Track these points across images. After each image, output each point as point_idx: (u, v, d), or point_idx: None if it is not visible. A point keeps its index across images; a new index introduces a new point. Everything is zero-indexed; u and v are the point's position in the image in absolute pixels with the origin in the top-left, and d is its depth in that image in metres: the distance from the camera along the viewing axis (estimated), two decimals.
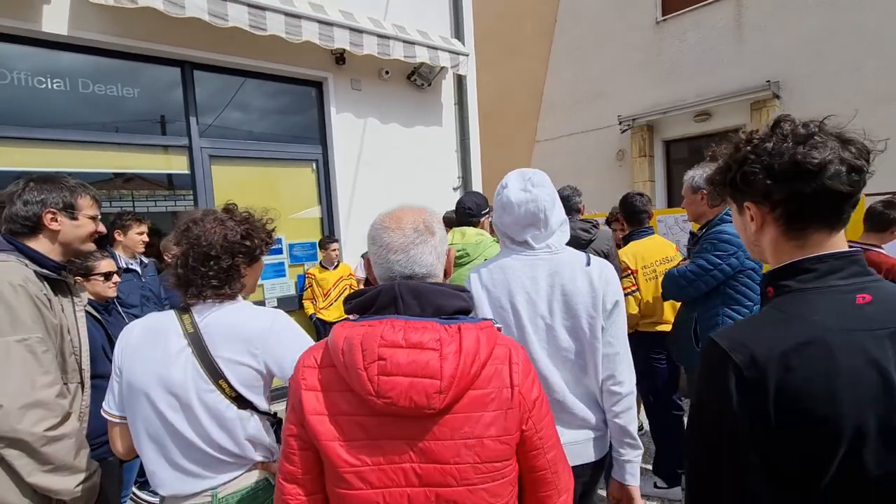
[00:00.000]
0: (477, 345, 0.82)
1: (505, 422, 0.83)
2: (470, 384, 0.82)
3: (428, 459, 0.81)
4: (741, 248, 1.95)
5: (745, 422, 0.72)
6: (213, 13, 3.49)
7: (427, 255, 0.91)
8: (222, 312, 1.20)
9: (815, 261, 0.78)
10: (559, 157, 9.45)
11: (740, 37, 7.09)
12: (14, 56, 3.28)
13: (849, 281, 0.76)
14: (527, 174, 1.39)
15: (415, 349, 0.80)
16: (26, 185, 1.44)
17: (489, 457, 0.82)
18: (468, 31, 5.56)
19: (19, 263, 1.35)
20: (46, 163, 3.40)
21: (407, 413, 0.79)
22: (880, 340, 0.71)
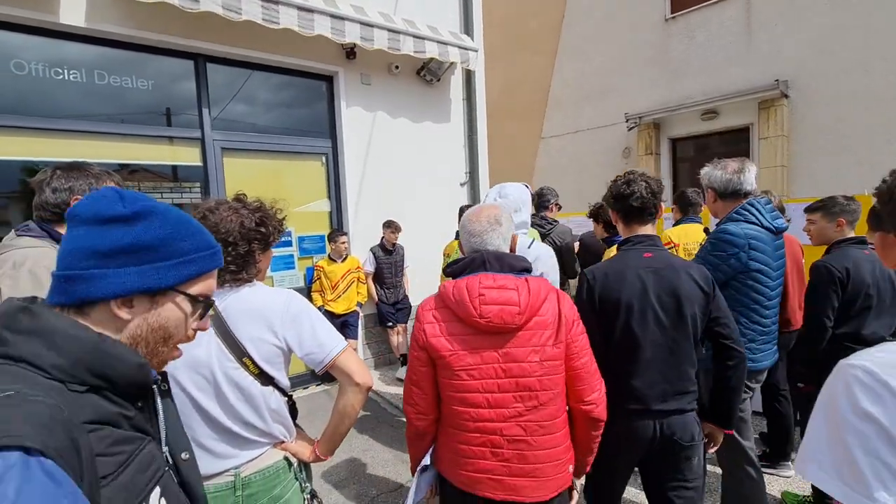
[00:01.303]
0: (539, 287, 1.31)
1: (556, 335, 1.30)
2: (536, 311, 1.29)
3: (509, 360, 1.28)
4: (743, 249, 1.89)
5: (589, 302, 1.63)
6: (227, 7, 3.53)
7: (495, 239, 1.38)
8: (240, 294, 1.25)
9: (633, 238, 1.70)
10: (565, 154, 9.47)
11: (749, 35, 7.07)
12: (32, 47, 3.33)
13: (643, 246, 1.66)
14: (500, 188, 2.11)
15: (501, 289, 1.28)
16: (54, 173, 1.47)
17: (548, 357, 1.28)
18: (477, 26, 5.58)
19: (52, 249, 1.39)
20: (62, 153, 3.45)
21: (497, 329, 1.26)
22: (647, 271, 1.60)
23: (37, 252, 1.34)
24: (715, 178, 2.02)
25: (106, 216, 0.68)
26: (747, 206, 1.97)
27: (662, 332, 1.56)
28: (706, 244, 2.02)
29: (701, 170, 2.11)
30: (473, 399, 1.29)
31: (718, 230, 1.98)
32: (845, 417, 0.69)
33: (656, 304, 1.55)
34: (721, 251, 1.93)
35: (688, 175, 8.20)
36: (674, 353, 1.57)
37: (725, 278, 1.95)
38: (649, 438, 1.57)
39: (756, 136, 7.08)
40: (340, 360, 1.25)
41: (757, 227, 1.92)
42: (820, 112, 6.50)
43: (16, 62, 3.28)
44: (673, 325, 1.56)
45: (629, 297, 1.56)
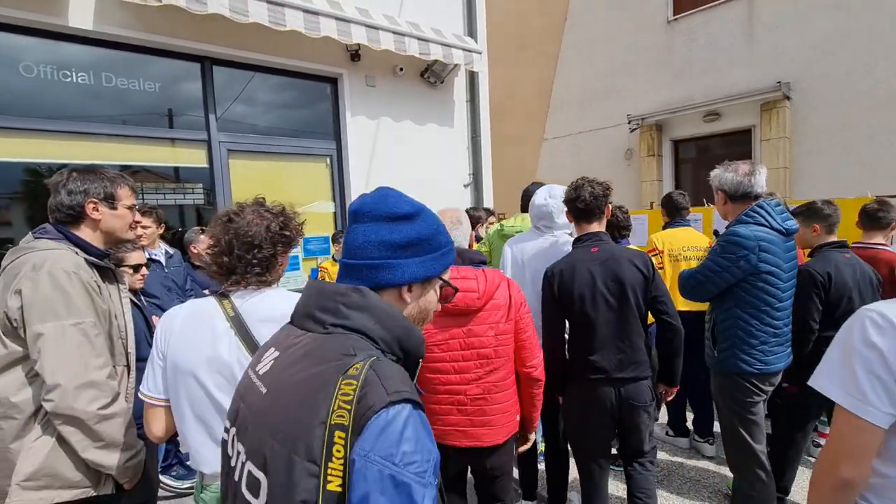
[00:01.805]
0: (493, 277, 1.66)
1: (507, 314, 1.66)
2: (492, 296, 1.65)
3: (471, 335, 1.63)
4: (753, 251, 1.90)
5: (551, 295, 1.96)
6: (234, 9, 3.55)
7: (458, 237, 1.72)
8: (260, 297, 1.27)
9: (583, 236, 2.02)
10: (567, 156, 9.49)
11: (751, 37, 7.09)
12: (41, 50, 3.36)
13: (590, 242, 1.98)
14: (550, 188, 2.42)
15: (464, 279, 1.61)
16: (69, 176, 1.49)
17: (501, 331, 1.66)
18: (481, 28, 5.60)
19: (70, 251, 1.41)
20: (70, 155, 3.48)
21: (461, 311, 1.61)
22: (594, 263, 1.90)
23: (55, 254, 1.37)
24: (725, 180, 2.03)
25: (396, 214, 0.84)
26: (757, 208, 1.97)
27: (612, 313, 1.89)
28: (716, 246, 2.03)
29: (711, 172, 2.12)
30: (442, 367, 1.65)
31: (728, 232, 1.99)
32: (855, 346, 0.89)
33: (604, 290, 1.88)
34: (731, 253, 1.94)
35: (690, 176, 8.22)
36: (624, 330, 1.89)
37: (735, 280, 1.95)
38: (611, 402, 1.90)
39: (758, 138, 7.10)
40: None
41: (767, 230, 1.93)
42: (822, 114, 6.52)
43: (25, 65, 3.31)
44: (620, 306, 1.88)
45: (581, 287, 1.90)
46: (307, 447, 0.64)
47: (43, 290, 1.29)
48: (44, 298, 1.29)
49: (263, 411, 0.74)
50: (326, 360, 0.71)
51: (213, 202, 4.16)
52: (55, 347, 1.27)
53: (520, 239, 2.50)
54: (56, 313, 1.29)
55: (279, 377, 0.76)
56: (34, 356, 1.29)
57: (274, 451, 0.67)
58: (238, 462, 0.76)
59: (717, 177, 2.07)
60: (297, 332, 0.83)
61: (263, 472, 0.69)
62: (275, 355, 0.82)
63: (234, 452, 0.78)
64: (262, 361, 0.83)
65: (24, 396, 1.32)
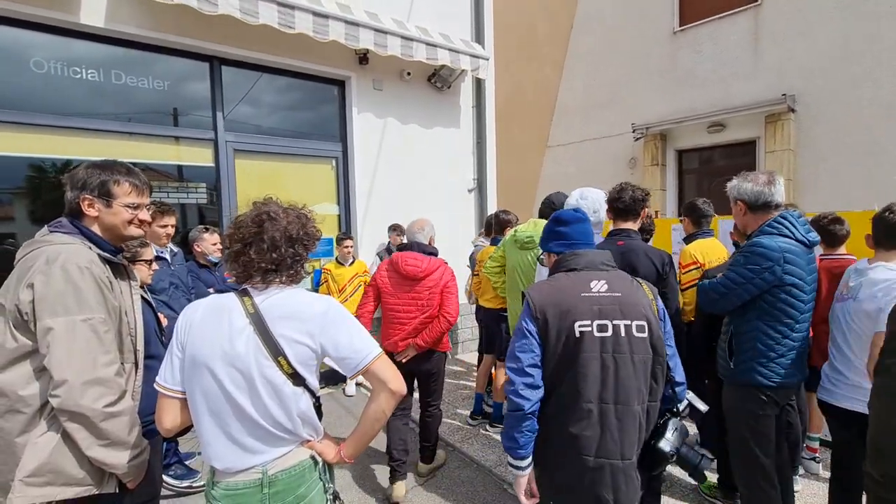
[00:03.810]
0: (432, 262, 2.82)
1: (439, 286, 2.82)
2: (430, 273, 2.80)
3: (415, 292, 2.81)
4: (778, 263, 1.85)
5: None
6: (245, 10, 3.57)
7: (420, 236, 2.90)
8: (281, 296, 1.27)
9: (615, 230, 2.38)
10: (571, 163, 9.51)
11: (756, 49, 7.12)
12: (52, 47, 3.37)
13: (619, 237, 2.32)
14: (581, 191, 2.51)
15: (415, 259, 2.80)
16: (76, 170, 1.48)
17: (432, 292, 2.81)
18: (488, 35, 5.63)
19: (84, 246, 1.40)
20: (78, 151, 3.49)
21: (411, 277, 2.79)
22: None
23: (69, 249, 1.35)
24: (745, 190, 2.00)
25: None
26: (780, 219, 1.94)
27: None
28: (738, 257, 1.99)
29: (727, 183, 2.09)
30: (396, 310, 2.85)
31: (752, 243, 1.95)
32: None
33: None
34: (755, 265, 1.90)
35: (693, 186, 8.23)
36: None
37: (759, 291, 1.91)
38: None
39: (762, 150, 7.11)
40: (375, 367, 1.27)
41: (791, 241, 1.90)
42: (827, 126, 6.53)
43: (35, 60, 3.33)
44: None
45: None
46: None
47: (55, 285, 1.28)
48: (55, 292, 1.28)
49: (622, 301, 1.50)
50: (623, 279, 1.56)
51: (216, 201, 4.16)
52: (64, 343, 1.27)
53: None
54: (67, 308, 1.28)
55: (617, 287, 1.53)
56: (43, 350, 1.28)
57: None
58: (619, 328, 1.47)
59: (736, 187, 2.03)
60: (596, 273, 1.56)
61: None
62: (603, 286, 1.52)
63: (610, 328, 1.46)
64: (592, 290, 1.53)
65: (32, 391, 1.30)
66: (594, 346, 1.44)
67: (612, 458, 1.42)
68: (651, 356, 1.47)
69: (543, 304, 1.48)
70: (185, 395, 1.25)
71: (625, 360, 1.44)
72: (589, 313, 1.45)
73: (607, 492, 1.41)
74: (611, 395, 1.43)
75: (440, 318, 2.80)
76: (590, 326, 1.44)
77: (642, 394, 1.46)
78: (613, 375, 1.43)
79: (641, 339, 1.45)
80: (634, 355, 1.45)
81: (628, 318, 1.46)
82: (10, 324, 1.31)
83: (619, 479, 1.42)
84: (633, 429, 1.44)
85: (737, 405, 2.05)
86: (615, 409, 1.43)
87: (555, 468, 1.49)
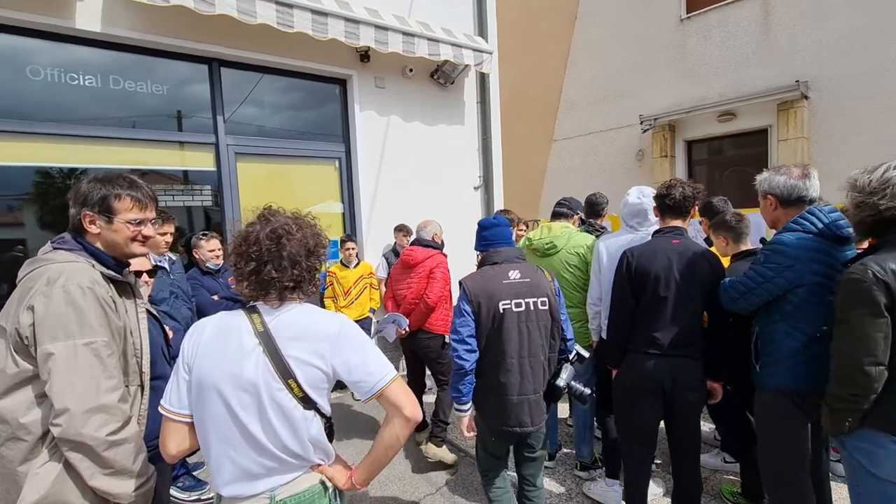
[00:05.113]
0: (426, 253, 3.35)
1: (426, 272, 3.32)
2: (420, 262, 3.34)
3: (411, 278, 3.36)
4: (801, 261, 1.76)
5: (627, 273, 2.19)
6: (242, 10, 3.49)
7: (424, 234, 3.43)
8: (291, 314, 1.20)
9: (665, 228, 2.24)
10: (577, 157, 9.36)
11: (768, 35, 6.92)
12: (48, 53, 3.32)
13: (672, 235, 2.19)
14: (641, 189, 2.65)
15: (413, 251, 3.39)
16: (78, 184, 1.42)
17: (421, 279, 3.33)
18: (492, 28, 5.51)
19: (87, 264, 1.34)
20: (76, 159, 3.45)
21: (408, 265, 3.40)
22: (673, 252, 2.12)
23: (71, 268, 1.29)
24: (777, 183, 1.88)
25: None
26: (806, 214, 1.82)
27: (681, 297, 2.08)
28: (759, 255, 1.91)
29: (757, 175, 1.98)
30: (400, 291, 3.41)
31: (773, 240, 1.86)
32: None
33: (678, 276, 2.08)
34: (775, 263, 1.81)
35: (704, 177, 8.06)
36: (686, 314, 2.09)
37: (781, 291, 1.82)
38: (662, 376, 2.09)
39: (775, 138, 6.93)
40: (390, 391, 1.20)
41: (816, 238, 1.78)
42: (842, 113, 6.34)
43: (32, 68, 3.27)
44: (689, 293, 2.09)
45: (658, 269, 2.10)
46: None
47: (56, 307, 1.22)
48: (56, 315, 1.22)
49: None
50: (530, 268, 2.09)
51: (219, 206, 4.10)
52: (65, 369, 1.21)
53: (612, 236, 2.72)
54: (68, 332, 1.22)
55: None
56: (44, 377, 1.22)
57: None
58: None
59: (767, 180, 1.91)
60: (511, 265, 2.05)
61: None
62: (517, 274, 2.02)
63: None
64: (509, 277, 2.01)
65: (33, 417, 1.25)
66: (513, 319, 1.98)
67: (528, 394, 2.00)
68: (550, 322, 2.04)
69: (476, 291, 2.00)
70: (192, 418, 1.19)
71: (534, 326, 2.00)
72: (508, 295, 1.99)
73: (526, 416, 2.00)
74: (526, 352, 2.00)
75: (422, 301, 3.25)
76: (510, 304, 1.98)
77: (545, 348, 2.04)
78: (527, 338, 1.99)
79: (544, 310, 2.02)
80: (540, 322, 2.01)
81: (535, 296, 2.01)
82: (11, 348, 1.25)
83: (533, 407, 2.02)
84: (540, 373, 2.03)
85: (765, 411, 1.95)
86: (529, 362, 2.00)
87: (490, 406, 2.05)
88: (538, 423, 2.03)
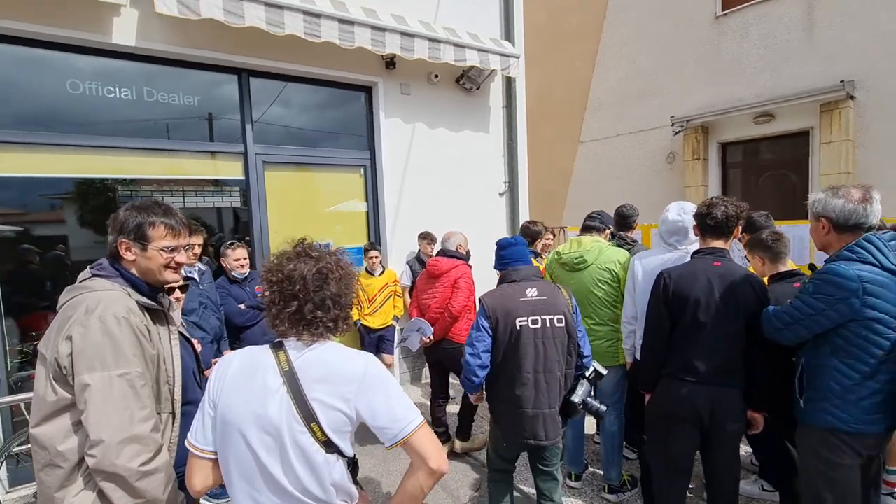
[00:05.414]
0: (451, 264, 3.43)
1: (452, 283, 3.38)
2: (445, 272, 3.42)
3: (437, 288, 3.44)
4: (856, 295, 1.62)
5: (664, 295, 2.10)
6: (271, 22, 3.52)
7: (448, 245, 3.51)
8: (317, 352, 1.18)
9: (706, 249, 2.13)
10: (604, 159, 9.14)
11: (811, 32, 6.58)
12: (86, 67, 3.42)
13: (713, 257, 2.08)
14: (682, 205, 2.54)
15: (437, 261, 3.49)
16: (118, 211, 1.46)
17: (446, 289, 3.39)
18: (518, 31, 5.41)
19: (123, 293, 1.37)
20: (112, 169, 3.55)
21: (433, 275, 3.48)
22: (714, 275, 2.02)
23: (108, 297, 1.32)
24: (834, 207, 1.73)
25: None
26: (864, 242, 1.67)
27: (721, 323, 1.98)
28: (808, 284, 1.76)
29: (810, 196, 1.83)
30: (425, 300, 3.49)
31: (826, 269, 1.71)
32: None
33: (719, 301, 1.99)
34: (826, 294, 1.67)
35: (739, 181, 7.76)
36: (727, 341, 2.00)
37: (832, 325, 1.69)
38: (700, 404, 2.00)
39: (817, 141, 6.59)
40: (415, 439, 1.15)
41: (875, 269, 1.64)
42: (891, 114, 5.98)
43: (72, 82, 3.38)
44: (731, 319, 1.98)
45: (698, 292, 2.02)
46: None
47: (93, 337, 1.26)
48: (93, 345, 1.25)
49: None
50: (548, 286, 2.25)
51: (248, 213, 4.16)
52: (101, 400, 1.23)
53: (648, 254, 2.63)
54: (104, 363, 1.25)
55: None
56: (81, 406, 1.25)
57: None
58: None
59: (822, 202, 1.76)
60: (529, 283, 2.18)
61: None
62: (534, 292, 2.13)
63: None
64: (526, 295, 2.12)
65: (70, 445, 1.29)
66: (529, 335, 2.08)
67: (543, 408, 2.08)
68: (566, 338, 2.11)
69: (494, 307, 2.11)
70: (217, 455, 1.19)
71: (550, 343, 2.08)
72: (525, 312, 2.09)
73: (540, 430, 2.09)
74: (541, 367, 2.08)
75: (447, 310, 3.32)
76: (526, 321, 2.08)
77: (561, 364, 2.11)
78: (543, 354, 2.08)
79: (560, 327, 2.10)
80: (556, 339, 2.09)
81: (551, 313, 2.09)
82: (51, 376, 1.29)
83: (548, 421, 2.10)
84: (556, 388, 2.10)
85: (809, 449, 1.83)
86: (545, 377, 2.08)
87: (506, 419, 2.16)
88: (553, 438, 2.11)
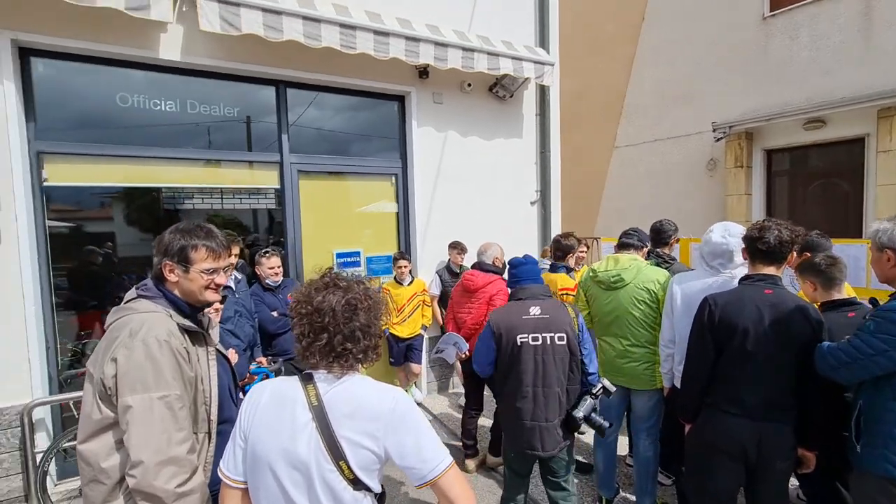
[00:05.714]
0: (486, 279, 3.41)
1: (487, 298, 3.36)
2: (481, 287, 3.40)
3: (472, 303, 3.43)
4: None
5: (709, 322, 1.99)
6: (309, 35, 3.59)
7: (484, 258, 3.50)
8: (347, 385, 1.18)
9: (755, 275, 2.01)
10: (641, 165, 8.88)
11: (869, 33, 6.18)
12: (134, 81, 3.58)
13: (763, 284, 1.97)
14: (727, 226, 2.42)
15: (473, 275, 3.47)
16: (163, 234, 1.51)
17: (481, 304, 3.38)
18: (553, 38, 5.32)
19: (165, 314, 1.42)
20: (156, 178, 3.70)
21: (469, 290, 3.45)
22: (765, 304, 1.90)
23: (151, 320, 1.37)
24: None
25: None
26: None
27: (771, 355, 1.88)
28: (869, 322, 1.64)
29: (874, 224, 1.72)
30: (461, 315, 3.47)
31: (889, 307, 1.60)
32: None
33: (769, 331, 1.87)
34: (889, 335, 1.55)
35: (785, 190, 7.37)
36: (778, 373, 1.89)
37: (895, 367, 1.56)
38: (745, 439, 1.90)
39: (874, 149, 6.19)
40: (443, 481, 1.14)
41: None
42: None
43: (121, 96, 3.54)
44: (781, 350, 1.87)
45: (746, 321, 1.91)
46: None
47: (136, 360, 1.30)
48: (136, 367, 1.30)
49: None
50: (553, 304, 2.37)
51: (283, 219, 4.25)
52: (142, 422, 1.28)
53: (689, 277, 2.51)
54: (146, 385, 1.30)
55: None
56: (123, 427, 1.30)
57: None
58: None
59: (888, 232, 1.65)
60: (534, 301, 2.29)
61: None
62: (537, 310, 2.26)
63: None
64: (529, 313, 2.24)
65: (113, 462, 1.34)
66: (529, 351, 2.21)
67: (540, 420, 2.19)
68: (568, 356, 2.22)
69: (499, 323, 2.28)
70: (248, 485, 1.20)
71: (549, 359, 2.20)
72: (527, 329, 2.22)
73: (537, 441, 2.20)
74: (540, 382, 2.20)
75: (482, 326, 3.15)
76: (527, 338, 2.21)
77: (561, 380, 2.21)
78: (542, 369, 2.20)
79: (561, 345, 2.21)
80: (556, 356, 2.20)
81: (552, 331, 2.21)
82: (97, 395, 1.35)
83: (544, 433, 2.20)
84: (555, 403, 2.20)
85: (867, 496, 1.70)
86: (543, 391, 2.20)
87: (508, 430, 2.32)
88: (549, 450, 2.20)
